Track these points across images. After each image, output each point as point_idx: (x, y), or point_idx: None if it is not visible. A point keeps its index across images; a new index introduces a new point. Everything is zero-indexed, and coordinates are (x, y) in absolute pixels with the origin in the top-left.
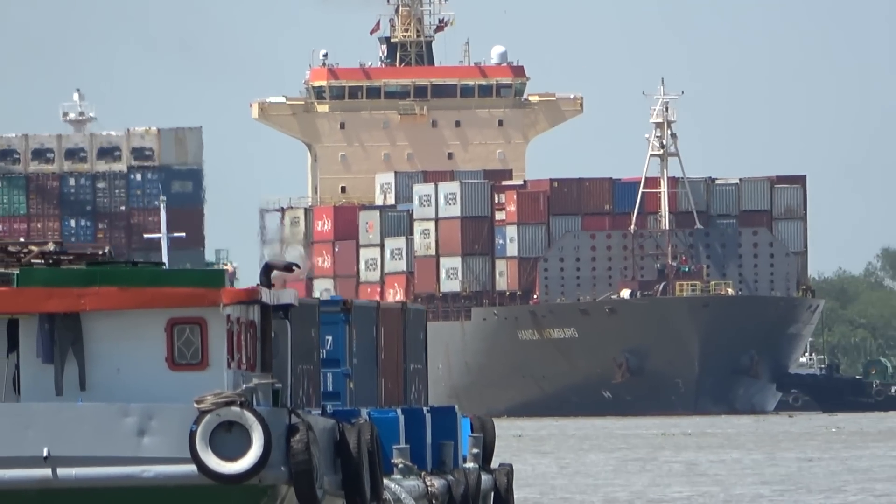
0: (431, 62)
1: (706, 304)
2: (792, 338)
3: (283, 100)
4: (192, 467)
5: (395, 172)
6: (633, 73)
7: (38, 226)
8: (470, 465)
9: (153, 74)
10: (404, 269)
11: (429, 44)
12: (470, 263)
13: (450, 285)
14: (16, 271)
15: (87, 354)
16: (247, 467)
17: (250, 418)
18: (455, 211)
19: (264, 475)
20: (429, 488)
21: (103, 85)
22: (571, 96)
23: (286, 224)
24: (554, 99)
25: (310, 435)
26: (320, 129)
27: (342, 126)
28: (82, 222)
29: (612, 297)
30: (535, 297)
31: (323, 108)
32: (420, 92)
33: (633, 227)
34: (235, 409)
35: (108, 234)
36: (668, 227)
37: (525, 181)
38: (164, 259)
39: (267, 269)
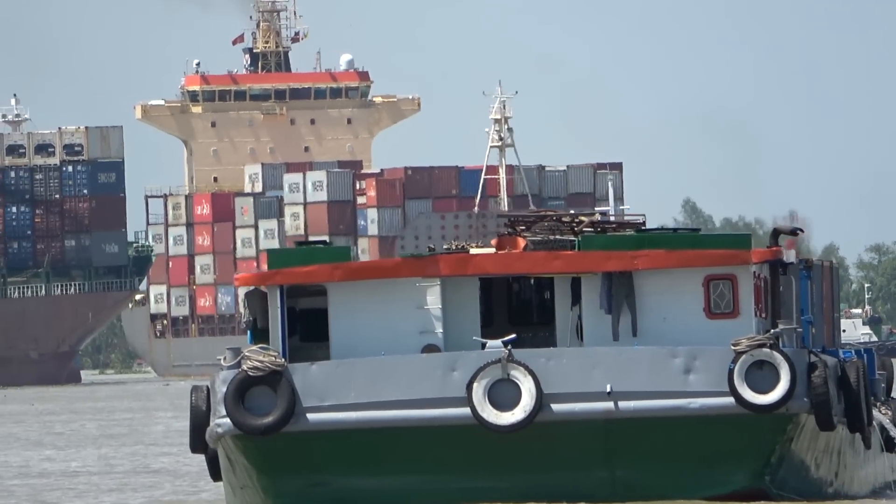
0: (288, 69)
1: None
2: None
3: (162, 102)
4: (731, 399)
5: (262, 164)
6: (472, 74)
7: None
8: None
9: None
10: (277, 246)
11: (286, 53)
12: (336, 241)
13: None
14: (573, 238)
15: (638, 306)
16: (776, 399)
17: (779, 357)
18: (322, 196)
19: (790, 405)
20: (883, 415)
21: (32, 90)
22: (410, 97)
23: (169, 209)
24: (395, 99)
25: (826, 371)
26: (195, 128)
27: (213, 125)
28: (22, 209)
29: None
30: None
31: (197, 109)
32: (280, 95)
33: (476, 208)
34: (766, 349)
35: (45, 219)
36: (506, 209)
37: (382, 170)
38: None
39: (776, 233)
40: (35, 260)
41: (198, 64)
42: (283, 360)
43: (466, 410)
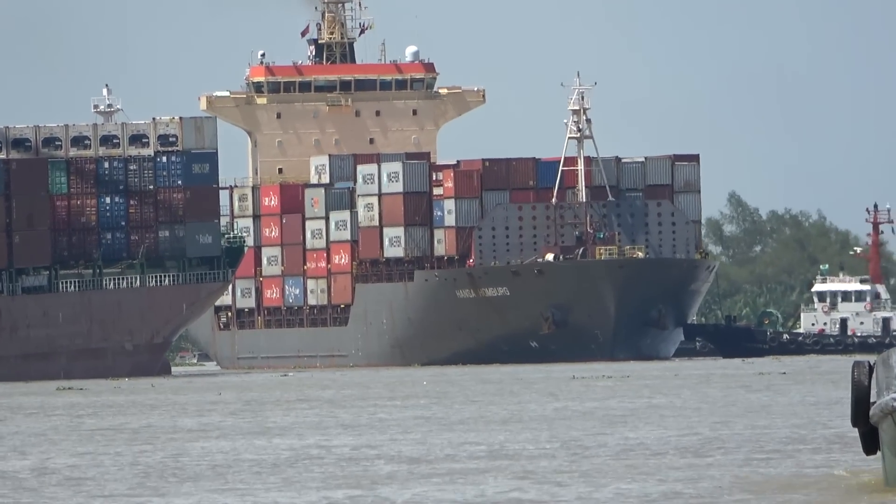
0: (354, 60)
1: (621, 266)
2: (692, 294)
3: (227, 93)
4: None
5: (330, 155)
6: (539, 65)
7: (78, 203)
8: None
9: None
10: (349, 238)
11: (351, 44)
12: (411, 232)
13: (393, 251)
14: None
15: None
16: None
17: None
18: (397, 187)
19: None
20: None
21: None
22: (475, 88)
23: (235, 200)
24: (460, 91)
25: None
26: (260, 119)
27: (278, 116)
28: (116, 199)
29: (539, 260)
30: (470, 260)
31: (262, 100)
32: (345, 86)
33: (554, 199)
34: None
35: (139, 209)
36: (584, 200)
37: (458, 161)
38: None
39: None
40: (129, 251)
41: (263, 55)
42: None
43: None
